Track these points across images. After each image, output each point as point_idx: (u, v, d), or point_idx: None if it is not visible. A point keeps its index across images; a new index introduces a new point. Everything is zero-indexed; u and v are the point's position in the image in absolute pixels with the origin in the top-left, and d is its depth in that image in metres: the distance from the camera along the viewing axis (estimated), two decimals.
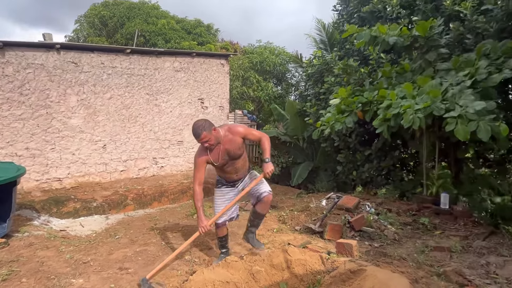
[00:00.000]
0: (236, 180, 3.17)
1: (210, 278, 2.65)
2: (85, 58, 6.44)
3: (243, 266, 2.80)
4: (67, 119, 6.29)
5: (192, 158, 8.16)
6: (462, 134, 3.53)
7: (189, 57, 7.97)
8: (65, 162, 6.33)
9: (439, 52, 5.02)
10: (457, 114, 3.62)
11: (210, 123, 2.82)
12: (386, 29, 5.07)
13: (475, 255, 3.21)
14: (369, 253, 3.21)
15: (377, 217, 4.13)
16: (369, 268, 2.49)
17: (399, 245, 3.60)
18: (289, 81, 13.02)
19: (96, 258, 3.41)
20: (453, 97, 3.81)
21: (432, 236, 3.81)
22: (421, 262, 3.00)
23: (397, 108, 4.28)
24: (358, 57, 7.39)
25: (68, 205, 5.90)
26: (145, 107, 7.34)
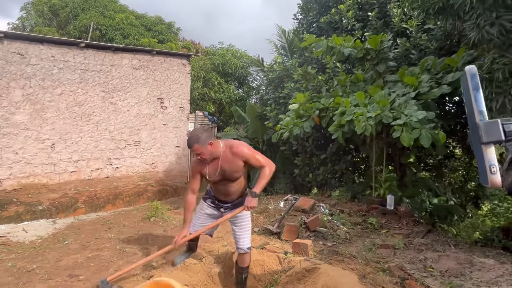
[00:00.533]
0: (223, 202, 2.78)
1: None
2: (32, 50, 5.97)
3: (202, 268, 2.82)
4: (10, 115, 5.77)
5: (150, 159, 7.97)
6: (407, 141, 3.89)
7: (149, 55, 7.75)
8: (7, 162, 5.79)
9: (388, 64, 5.47)
10: (403, 122, 3.98)
11: (208, 136, 2.53)
12: (341, 40, 5.40)
13: (415, 251, 3.55)
14: (323, 252, 3.40)
15: (331, 218, 4.37)
16: (322, 266, 2.65)
17: (350, 243, 3.85)
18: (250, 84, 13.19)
19: (43, 266, 3.19)
20: (399, 106, 4.18)
21: (379, 235, 4.13)
22: (368, 259, 3.25)
23: (350, 115, 4.58)
24: (316, 64, 7.75)
25: (9, 209, 5.41)
26: (100, 105, 6.99)
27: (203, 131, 2.59)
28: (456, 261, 3.21)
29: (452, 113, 5.88)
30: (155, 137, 8.06)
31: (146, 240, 3.97)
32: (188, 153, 8.90)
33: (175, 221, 4.86)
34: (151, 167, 8.04)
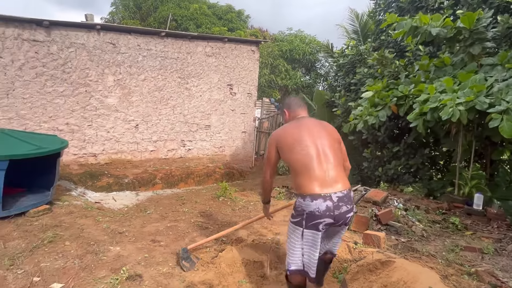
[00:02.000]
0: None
1: (239, 256, 2.75)
2: (122, 40, 6.65)
3: (270, 248, 2.88)
4: (104, 98, 6.57)
5: (218, 143, 8.36)
6: (507, 131, 3.37)
7: (221, 42, 8.02)
8: (100, 139, 6.65)
9: (485, 45, 4.77)
10: (504, 109, 3.45)
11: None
12: (428, 19, 4.86)
13: (509, 258, 3.11)
14: (397, 247, 3.20)
15: (405, 213, 4.07)
16: (398, 260, 2.49)
17: (427, 242, 3.54)
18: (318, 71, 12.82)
19: (130, 230, 3.61)
20: (499, 92, 3.63)
21: (462, 236, 3.72)
22: (450, 260, 2.95)
23: (435, 102, 4.14)
24: (393, 48, 7.16)
25: (102, 180, 6.23)
26: (177, 90, 7.52)
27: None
28: None
29: None
30: (224, 122, 8.40)
31: (216, 217, 4.21)
32: (254, 139, 9.11)
33: (242, 202, 5.05)
34: (219, 150, 8.43)
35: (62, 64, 6.04)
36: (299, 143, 2.03)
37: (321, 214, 1.90)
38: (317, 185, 1.93)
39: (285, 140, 2.09)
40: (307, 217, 1.92)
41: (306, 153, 2.00)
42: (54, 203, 4.29)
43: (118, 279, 2.50)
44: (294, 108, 2.25)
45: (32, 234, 3.27)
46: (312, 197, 1.91)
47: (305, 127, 2.11)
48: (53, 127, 6.08)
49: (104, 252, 2.97)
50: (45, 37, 5.84)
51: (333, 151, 2.06)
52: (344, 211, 1.95)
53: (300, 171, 1.99)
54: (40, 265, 2.69)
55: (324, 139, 2.08)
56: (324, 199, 1.90)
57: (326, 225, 1.95)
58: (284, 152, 2.09)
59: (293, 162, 2.03)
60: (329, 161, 2.01)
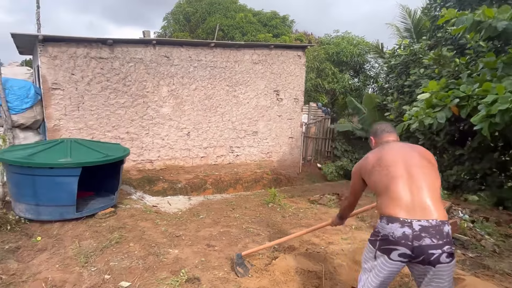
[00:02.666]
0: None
1: (293, 265, 2.73)
2: (175, 52, 7.07)
3: (324, 257, 2.82)
4: (159, 108, 7.02)
5: (266, 149, 8.44)
6: None
7: (267, 49, 8.12)
8: (156, 146, 7.10)
9: None
10: None
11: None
12: (493, 12, 4.43)
13: None
14: (465, 262, 2.94)
15: (472, 225, 3.73)
16: (468, 278, 2.29)
17: (500, 258, 3.20)
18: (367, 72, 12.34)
19: (186, 234, 3.80)
20: None
21: None
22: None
23: (506, 103, 3.74)
24: (452, 46, 6.63)
25: (158, 185, 6.63)
26: (225, 98, 7.76)
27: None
28: None
29: None
30: (271, 128, 8.46)
31: (267, 223, 4.24)
32: (301, 145, 9.04)
33: (291, 209, 5.03)
34: (266, 156, 8.50)
35: (123, 78, 6.59)
36: (379, 164, 1.87)
37: (395, 241, 1.66)
38: (396, 207, 1.71)
39: (366, 165, 1.95)
40: (381, 239, 1.73)
41: (387, 173, 1.82)
42: (118, 206, 4.67)
43: (178, 281, 2.64)
44: (381, 134, 2.10)
45: (101, 234, 3.59)
46: (388, 219, 1.71)
47: (389, 149, 1.95)
48: (116, 135, 6.64)
49: (164, 254, 3.15)
50: (109, 54, 6.43)
51: (424, 174, 1.80)
52: (427, 244, 1.61)
53: (380, 192, 1.83)
54: (110, 264, 2.94)
55: (413, 160, 1.86)
56: (401, 224, 1.66)
57: (403, 256, 1.66)
58: (367, 176, 1.95)
59: (374, 184, 1.88)
60: (417, 183, 1.76)
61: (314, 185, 8.24)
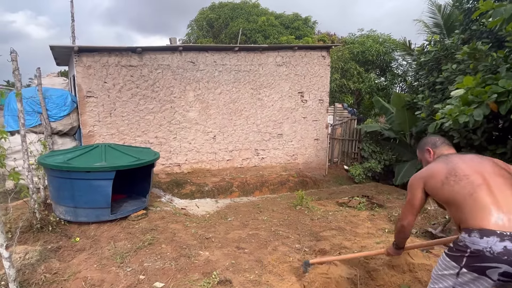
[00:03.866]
0: None
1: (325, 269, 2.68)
2: (200, 58, 7.21)
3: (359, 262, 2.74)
4: (186, 112, 7.18)
5: (291, 151, 8.39)
6: None
7: (291, 51, 8.09)
8: (183, 150, 7.25)
9: None
10: None
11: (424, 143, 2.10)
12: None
13: None
14: None
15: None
16: None
17: None
18: (395, 71, 11.96)
19: (216, 236, 3.83)
20: None
21: None
22: None
23: None
24: (488, 39, 6.29)
25: (186, 188, 6.76)
26: (249, 101, 7.80)
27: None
28: None
29: None
30: (296, 130, 8.40)
31: (295, 226, 4.20)
32: (327, 146, 8.89)
33: (319, 212, 4.95)
34: (292, 158, 8.44)
35: (151, 84, 6.80)
36: (455, 174, 1.69)
37: (494, 257, 1.44)
38: (488, 218, 1.51)
39: (435, 176, 1.76)
40: (471, 255, 1.51)
41: (469, 182, 1.64)
42: (149, 208, 4.80)
43: (210, 283, 2.67)
44: (441, 146, 1.96)
45: (135, 236, 3.70)
46: (481, 232, 1.49)
47: (459, 159, 1.78)
48: (145, 140, 6.85)
49: (195, 256, 3.19)
50: (138, 62, 6.67)
51: (505, 182, 1.63)
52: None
53: (461, 203, 1.62)
54: (144, 265, 3.02)
55: (487, 166, 1.71)
56: (501, 238, 1.44)
57: (503, 275, 1.45)
58: (435, 189, 1.75)
59: (451, 194, 1.67)
60: (503, 190, 1.58)
61: (341, 187, 8.07)
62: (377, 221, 4.20)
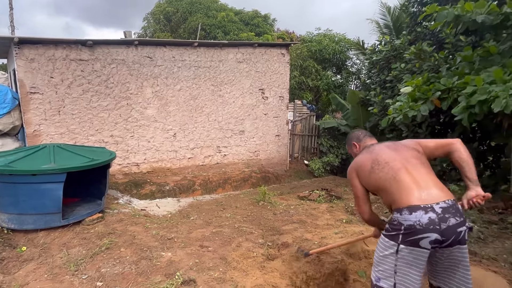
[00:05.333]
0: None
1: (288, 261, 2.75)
2: (158, 53, 6.95)
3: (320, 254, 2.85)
4: (144, 110, 6.89)
5: (253, 148, 8.44)
6: None
7: (251, 47, 8.11)
8: (142, 149, 6.97)
9: None
10: None
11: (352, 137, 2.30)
12: (472, 6, 4.60)
13: None
14: None
15: None
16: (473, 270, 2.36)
17: (485, 244, 3.33)
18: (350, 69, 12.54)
19: (178, 236, 3.74)
20: None
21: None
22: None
23: (484, 94, 3.89)
24: (431, 41, 6.84)
25: (145, 188, 6.52)
26: (210, 97, 7.70)
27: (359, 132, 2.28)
28: None
29: None
30: (257, 127, 8.47)
31: (259, 222, 4.24)
32: (287, 142, 9.09)
33: (282, 206, 5.05)
34: (254, 155, 8.51)
35: (105, 80, 6.42)
36: (377, 163, 1.90)
37: (423, 228, 1.65)
38: (412, 196, 1.72)
39: (363, 166, 1.96)
40: (405, 232, 1.69)
41: (390, 168, 1.84)
42: (106, 211, 4.55)
43: (173, 284, 2.60)
44: (364, 139, 2.18)
45: (90, 241, 3.49)
46: (410, 209, 1.69)
47: (379, 149, 1.99)
48: (99, 139, 6.47)
49: (157, 258, 3.10)
50: (89, 56, 6.25)
51: (418, 159, 1.88)
52: (453, 224, 1.66)
53: (388, 187, 1.82)
54: (101, 271, 2.87)
55: (403, 151, 1.93)
56: (425, 211, 1.66)
57: (433, 242, 1.66)
58: (365, 178, 1.94)
59: (377, 181, 1.87)
60: (418, 169, 1.82)
61: (302, 181, 8.31)
62: (336, 213, 4.39)
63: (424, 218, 1.65)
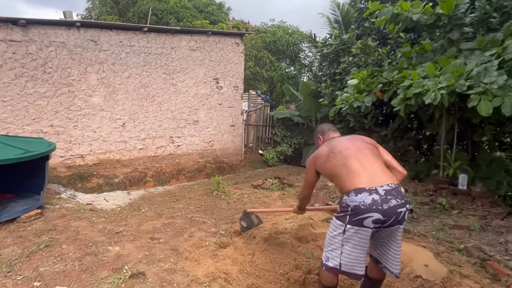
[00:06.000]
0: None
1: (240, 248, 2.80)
2: (104, 37, 6.49)
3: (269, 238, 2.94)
4: (88, 97, 6.42)
5: (207, 138, 8.35)
6: (485, 110, 3.53)
7: (205, 35, 7.94)
8: (87, 140, 6.52)
9: (463, 31, 4.92)
10: (482, 90, 3.61)
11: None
12: (409, 6, 4.98)
13: (494, 233, 3.30)
14: None
15: None
16: None
17: (417, 223, 3.70)
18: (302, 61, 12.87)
19: (127, 229, 3.61)
20: (478, 75, 3.79)
21: (449, 215, 3.90)
22: (441, 239, 3.11)
23: (418, 87, 4.27)
24: (376, 36, 7.28)
25: (92, 181, 6.14)
26: (162, 86, 7.42)
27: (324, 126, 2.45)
28: None
29: None
30: (212, 117, 8.37)
31: (212, 211, 4.25)
32: (242, 132, 9.13)
33: (236, 195, 5.10)
34: (209, 145, 8.42)
35: (42, 64, 5.85)
36: (333, 152, 2.06)
37: (367, 208, 1.79)
38: (359, 179, 1.88)
39: (320, 156, 2.12)
40: (352, 212, 1.83)
41: (342, 156, 2.01)
42: (45, 207, 4.22)
43: (121, 278, 2.52)
44: (328, 132, 2.34)
45: (27, 239, 3.22)
46: (356, 191, 1.84)
47: (337, 141, 2.16)
48: (37, 129, 5.91)
49: (103, 253, 2.96)
50: (23, 37, 5.63)
51: (370, 150, 2.06)
52: (394, 205, 1.80)
53: (340, 173, 1.97)
54: (39, 270, 2.67)
55: (357, 142, 2.12)
56: (369, 193, 1.81)
57: (375, 222, 1.81)
58: (321, 166, 2.11)
59: (331, 168, 2.03)
60: (368, 157, 2.00)
61: (257, 171, 8.44)
62: (287, 199, 4.56)
63: (368, 199, 1.80)
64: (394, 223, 1.84)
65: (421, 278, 2.23)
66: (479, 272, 2.46)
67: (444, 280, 2.19)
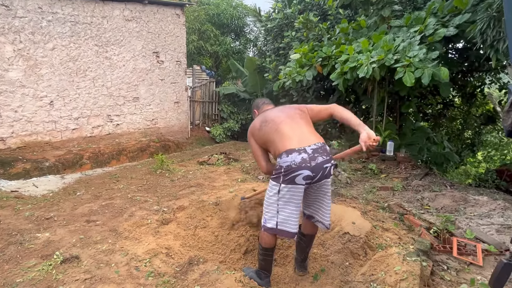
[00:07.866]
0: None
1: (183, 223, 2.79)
2: (18, 1, 5.64)
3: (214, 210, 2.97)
4: (4, 72, 5.63)
5: (150, 116, 7.95)
6: (409, 81, 3.89)
7: (141, 4, 7.34)
8: (7, 120, 5.78)
9: (393, 9, 5.25)
10: (406, 63, 3.95)
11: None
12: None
13: (413, 192, 3.73)
14: None
15: None
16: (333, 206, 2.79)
17: (351, 187, 4.02)
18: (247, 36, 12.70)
19: (60, 214, 3.35)
20: (403, 50, 4.11)
21: (378, 179, 4.30)
22: (369, 200, 3.43)
23: (354, 61, 4.50)
24: (317, 11, 7.43)
25: (17, 166, 5.52)
26: (95, 59, 6.78)
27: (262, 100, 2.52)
28: (452, 199, 3.39)
29: (454, 61, 5.79)
30: (154, 93, 7.95)
31: (155, 190, 4.12)
32: (187, 109, 8.87)
33: (180, 172, 5.01)
34: (152, 123, 8.05)
35: None
36: (265, 121, 2.17)
37: (297, 167, 1.93)
38: (290, 142, 2.01)
39: (254, 126, 2.22)
40: (285, 172, 1.96)
41: (273, 123, 2.12)
42: None
43: (52, 264, 2.35)
44: (262, 106, 2.44)
45: None
46: (287, 152, 1.97)
47: (270, 111, 2.27)
48: None
49: (30, 241, 2.72)
50: None
51: (301, 117, 2.17)
52: (321, 161, 1.96)
53: (272, 139, 2.07)
54: None
55: (287, 110, 2.24)
56: (298, 152, 1.95)
57: (306, 178, 1.95)
58: (257, 135, 2.19)
59: (264, 136, 2.13)
60: (297, 121, 2.12)
61: (204, 148, 8.34)
62: (232, 173, 4.60)
63: (298, 158, 1.95)
64: (321, 177, 2.02)
65: (349, 234, 2.46)
66: (398, 225, 2.79)
67: (368, 234, 2.44)
